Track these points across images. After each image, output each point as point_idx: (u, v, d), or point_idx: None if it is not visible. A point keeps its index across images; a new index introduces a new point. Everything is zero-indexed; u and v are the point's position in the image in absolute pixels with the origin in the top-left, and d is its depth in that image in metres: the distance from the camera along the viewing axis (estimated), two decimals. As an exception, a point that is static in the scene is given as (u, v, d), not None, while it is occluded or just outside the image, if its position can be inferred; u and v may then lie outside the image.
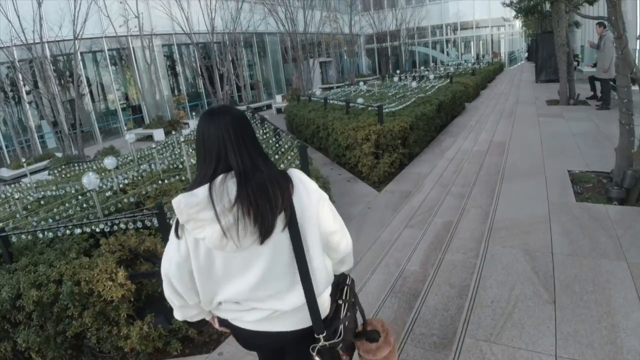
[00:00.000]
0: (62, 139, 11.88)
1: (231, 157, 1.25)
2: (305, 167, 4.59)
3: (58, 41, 12.41)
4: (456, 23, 38.04)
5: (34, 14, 10.86)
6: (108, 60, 18.77)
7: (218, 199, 1.20)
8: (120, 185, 5.21)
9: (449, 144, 8.49)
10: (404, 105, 8.87)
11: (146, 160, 7.04)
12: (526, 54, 36.18)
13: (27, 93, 14.04)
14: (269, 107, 22.12)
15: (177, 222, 1.28)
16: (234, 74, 21.91)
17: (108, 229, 3.64)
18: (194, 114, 19.07)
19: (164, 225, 3.27)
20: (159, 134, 15.58)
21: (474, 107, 13.59)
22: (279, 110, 19.04)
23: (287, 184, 1.30)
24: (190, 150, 6.77)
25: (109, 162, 5.48)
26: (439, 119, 10.10)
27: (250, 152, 1.28)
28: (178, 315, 1.48)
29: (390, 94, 11.07)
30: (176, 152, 7.01)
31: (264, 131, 7.33)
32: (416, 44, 38.10)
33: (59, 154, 12.32)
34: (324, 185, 4.82)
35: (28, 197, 5.46)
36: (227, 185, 1.21)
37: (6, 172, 12.51)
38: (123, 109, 20.20)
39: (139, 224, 3.64)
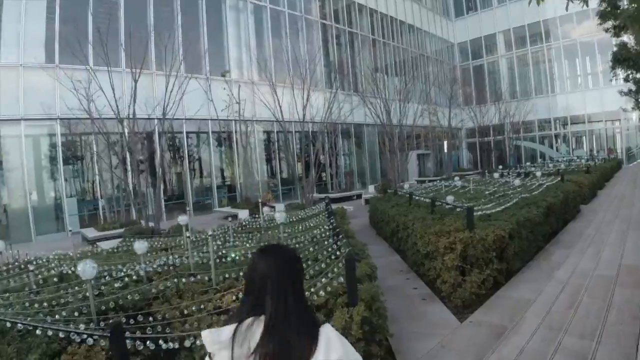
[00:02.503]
0: (143, 209, 12.12)
1: (267, 302, 1.26)
2: (352, 282, 3.47)
3: (146, 118, 13.09)
4: (566, 117, 35.54)
5: (132, 90, 11.54)
6: (211, 140, 19.88)
7: (239, 343, 1.22)
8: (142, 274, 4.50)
9: (561, 259, 6.77)
10: (504, 207, 7.43)
11: (202, 244, 6.40)
12: (647, 150, 32.38)
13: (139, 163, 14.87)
14: (359, 196, 21.37)
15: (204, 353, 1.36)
16: (328, 162, 22.00)
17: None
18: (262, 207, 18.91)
19: (117, 351, 2.60)
20: (243, 214, 15.49)
21: (591, 211, 11.54)
22: (367, 201, 18.15)
23: (311, 344, 1.23)
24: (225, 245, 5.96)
25: (139, 246, 4.82)
26: (548, 224, 8.39)
27: (288, 299, 1.28)
28: None
29: (487, 192, 9.62)
30: (229, 241, 6.25)
31: (327, 228, 6.35)
32: (522, 138, 35.87)
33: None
34: (377, 312, 3.58)
35: (50, 269, 4.95)
36: (253, 331, 1.23)
37: (91, 232, 13.00)
38: (219, 187, 21.22)
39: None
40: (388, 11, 31.55)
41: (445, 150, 32.41)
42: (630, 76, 11.13)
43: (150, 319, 3.34)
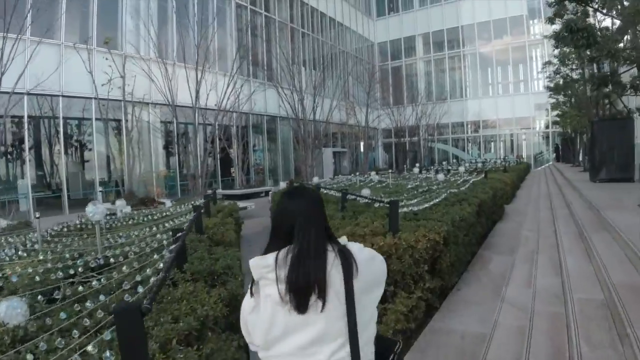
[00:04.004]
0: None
1: (295, 236, 1.37)
2: None
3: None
4: (478, 121, 36.19)
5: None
6: (94, 125, 16.57)
7: (280, 266, 1.35)
8: None
9: (503, 269, 5.18)
10: (432, 202, 5.74)
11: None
12: (554, 155, 33.76)
13: None
14: (268, 193, 19.27)
15: (253, 281, 1.43)
16: (236, 156, 19.73)
17: None
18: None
19: None
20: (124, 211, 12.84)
21: (516, 211, 10.42)
22: (274, 198, 16.14)
23: (349, 265, 1.37)
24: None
25: None
26: (480, 225, 6.89)
27: (317, 234, 1.39)
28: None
29: (409, 186, 7.98)
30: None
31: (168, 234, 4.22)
32: (436, 140, 36.05)
33: None
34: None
35: None
36: (288, 259, 1.35)
37: None
38: (105, 180, 18.37)
39: None
40: (309, 0, 29.83)
41: (362, 149, 31.56)
42: (561, 69, 10.29)
43: None
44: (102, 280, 2.70)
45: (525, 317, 3.45)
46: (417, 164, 20.42)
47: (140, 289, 2.50)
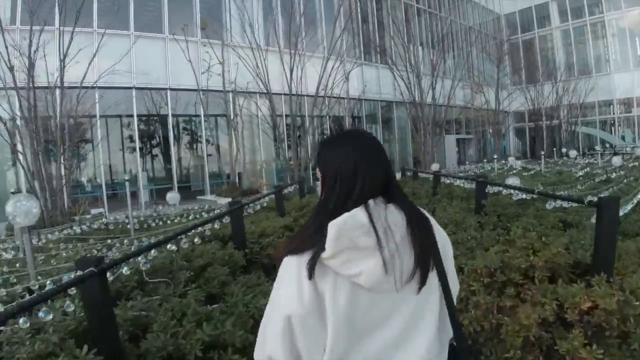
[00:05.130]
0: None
1: (392, 181, 1.08)
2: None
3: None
4: (630, 98, 29.72)
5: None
6: (202, 118, 16.46)
7: (378, 223, 0.98)
8: None
9: None
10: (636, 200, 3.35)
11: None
12: None
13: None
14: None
15: (313, 261, 0.96)
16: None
17: None
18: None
19: None
20: (223, 203, 12.34)
21: None
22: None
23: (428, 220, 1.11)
24: None
25: None
26: None
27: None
28: None
29: (579, 174, 5.43)
30: None
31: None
32: (579, 123, 30.36)
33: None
34: None
35: None
36: (383, 208, 1.01)
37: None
38: (214, 172, 18.25)
39: None
40: (425, -26, 27.16)
41: (489, 136, 28.24)
42: None
43: None
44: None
45: None
46: (564, 150, 16.96)
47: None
